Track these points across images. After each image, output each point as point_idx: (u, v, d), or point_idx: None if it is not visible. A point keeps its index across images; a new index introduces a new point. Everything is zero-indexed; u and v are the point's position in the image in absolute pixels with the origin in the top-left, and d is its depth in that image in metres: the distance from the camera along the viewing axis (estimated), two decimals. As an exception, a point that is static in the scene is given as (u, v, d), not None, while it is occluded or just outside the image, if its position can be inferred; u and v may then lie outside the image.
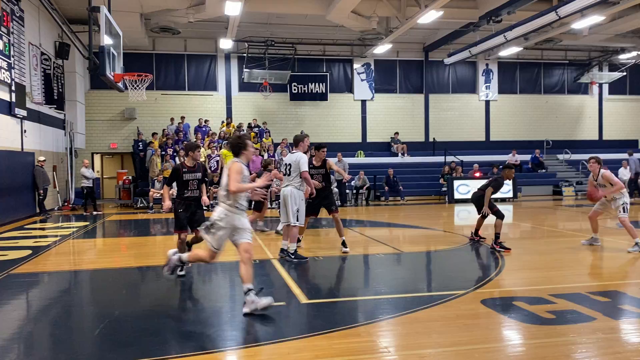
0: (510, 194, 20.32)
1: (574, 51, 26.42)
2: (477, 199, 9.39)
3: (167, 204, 7.24)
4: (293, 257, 8.00)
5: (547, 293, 5.84)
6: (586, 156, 24.06)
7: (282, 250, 8.27)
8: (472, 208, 10.46)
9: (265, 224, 12.49)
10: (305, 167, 7.89)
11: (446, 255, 8.93)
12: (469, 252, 9.01)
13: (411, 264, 8.35)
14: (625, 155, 21.74)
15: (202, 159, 18.88)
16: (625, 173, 21.05)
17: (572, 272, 7.37)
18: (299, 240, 8.70)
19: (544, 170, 23.99)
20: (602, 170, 8.91)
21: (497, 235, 8.80)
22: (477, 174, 20.66)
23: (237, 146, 5.49)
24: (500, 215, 8.95)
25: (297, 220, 8.02)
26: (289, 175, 8.04)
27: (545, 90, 26.99)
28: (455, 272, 7.50)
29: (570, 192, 21.80)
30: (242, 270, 5.25)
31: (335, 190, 17.69)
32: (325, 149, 9.02)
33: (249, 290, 5.20)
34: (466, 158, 22.75)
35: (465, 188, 19.83)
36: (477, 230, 9.77)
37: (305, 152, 8.23)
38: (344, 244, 8.88)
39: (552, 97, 27.00)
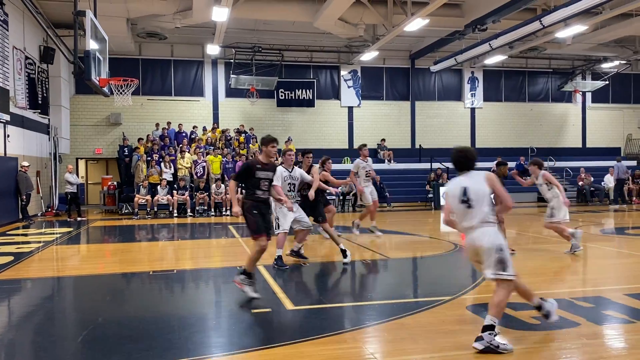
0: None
1: (557, 60, 26.79)
2: None
3: (237, 209, 6.23)
4: (275, 262, 7.97)
5: (532, 299, 5.87)
6: (570, 164, 24.56)
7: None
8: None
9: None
10: (276, 181, 7.19)
11: (432, 261, 8.96)
12: (455, 258, 9.05)
13: (398, 270, 8.36)
14: (610, 163, 22.08)
15: (188, 165, 18.81)
16: (610, 180, 21.34)
17: (556, 277, 7.44)
18: (298, 253, 8.59)
19: (528, 177, 24.21)
20: (543, 172, 9.23)
21: None
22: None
23: None
24: None
25: (277, 229, 7.96)
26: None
27: (530, 98, 27.31)
28: (441, 278, 7.53)
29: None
30: None
31: None
32: (311, 155, 8.91)
33: None
34: (452, 165, 22.82)
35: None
36: None
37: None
38: (343, 253, 8.18)
39: (537, 105, 27.33)
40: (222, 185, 18.04)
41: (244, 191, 6.40)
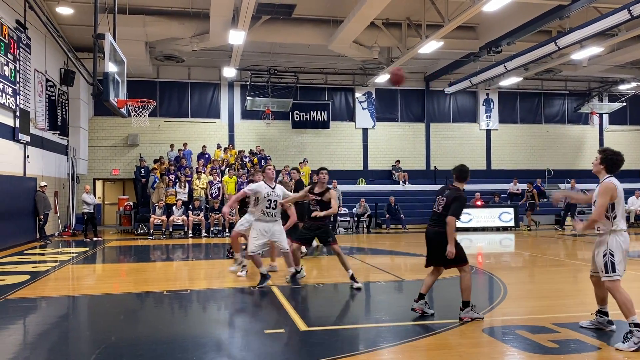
0: (512, 223, 20.25)
1: (573, 81, 26.68)
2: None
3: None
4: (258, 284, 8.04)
5: (550, 322, 5.76)
6: (588, 186, 24.22)
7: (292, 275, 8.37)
8: (473, 236, 10.40)
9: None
10: (247, 190, 8.17)
11: (448, 283, 8.83)
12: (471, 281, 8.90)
13: (412, 292, 8.23)
14: (631, 185, 21.73)
15: (204, 186, 18.93)
16: (635, 202, 20.90)
17: (574, 301, 7.28)
18: (297, 272, 8.52)
19: (545, 200, 23.94)
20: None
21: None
22: (479, 203, 20.62)
23: None
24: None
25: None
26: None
27: (546, 120, 27.15)
28: (457, 301, 7.40)
29: (570, 221, 21.68)
30: None
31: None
32: (325, 172, 8.21)
33: None
34: (467, 187, 22.40)
35: (466, 217, 19.75)
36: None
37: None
38: (352, 278, 7.92)
39: (553, 126, 27.15)
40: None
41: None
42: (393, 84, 8.30)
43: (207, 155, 21.34)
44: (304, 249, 10.13)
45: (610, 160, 5.19)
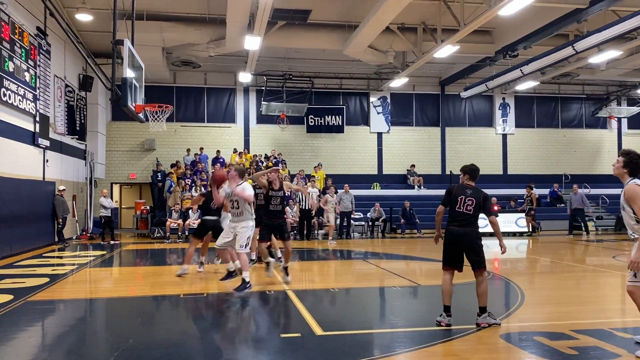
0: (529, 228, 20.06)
1: (591, 85, 26.39)
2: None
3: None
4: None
5: (568, 328, 5.70)
6: (606, 191, 23.91)
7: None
8: (489, 242, 10.29)
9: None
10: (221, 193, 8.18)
11: (464, 288, 8.76)
12: (488, 286, 8.83)
13: (428, 297, 8.21)
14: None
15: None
16: None
17: (594, 307, 7.19)
18: (231, 273, 8.58)
19: (562, 205, 23.68)
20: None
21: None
22: (495, 208, 20.44)
23: None
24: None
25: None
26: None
27: (563, 125, 26.88)
28: (474, 306, 7.34)
29: (590, 227, 21.38)
30: None
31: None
32: (277, 171, 8.82)
33: None
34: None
35: (483, 222, 19.56)
36: None
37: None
38: (286, 270, 8.75)
39: (570, 131, 26.86)
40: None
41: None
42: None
43: (221, 160, 21.47)
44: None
45: (635, 164, 4.95)
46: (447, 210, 6.34)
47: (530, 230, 19.90)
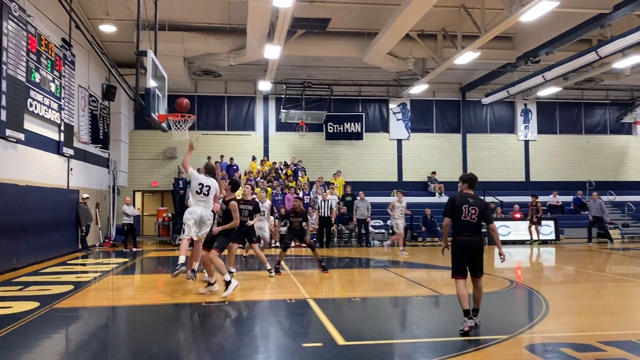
0: (552, 236, 19.74)
1: (615, 91, 25.96)
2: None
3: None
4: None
5: (595, 340, 5.58)
6: (632, 198, 23.42)
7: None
8: (512, 249, 10.19)
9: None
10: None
11: (487, 298, 8.64)
12: (511, 296, 8.73)
13: (450, 307, 8.12)
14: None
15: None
16: None
17: (622, 318, 7.03)
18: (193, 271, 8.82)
19: (586, 212, 23.26)
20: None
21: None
22: (518, 215, 20.20)
23: None
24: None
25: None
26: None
27: (587, 131, 26.47)
28: (497, 316, 7.26)
29: (615, 234, 20.96)
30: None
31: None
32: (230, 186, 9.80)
33: None
34: (506, 198, 22.33)
35: (505, 229, 19.38)
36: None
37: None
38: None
39: (594, 137, 26.43)
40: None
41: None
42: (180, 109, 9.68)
43: (234, 167, 21.61)
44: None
45: None
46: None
47: (537, 238, 19.37)
